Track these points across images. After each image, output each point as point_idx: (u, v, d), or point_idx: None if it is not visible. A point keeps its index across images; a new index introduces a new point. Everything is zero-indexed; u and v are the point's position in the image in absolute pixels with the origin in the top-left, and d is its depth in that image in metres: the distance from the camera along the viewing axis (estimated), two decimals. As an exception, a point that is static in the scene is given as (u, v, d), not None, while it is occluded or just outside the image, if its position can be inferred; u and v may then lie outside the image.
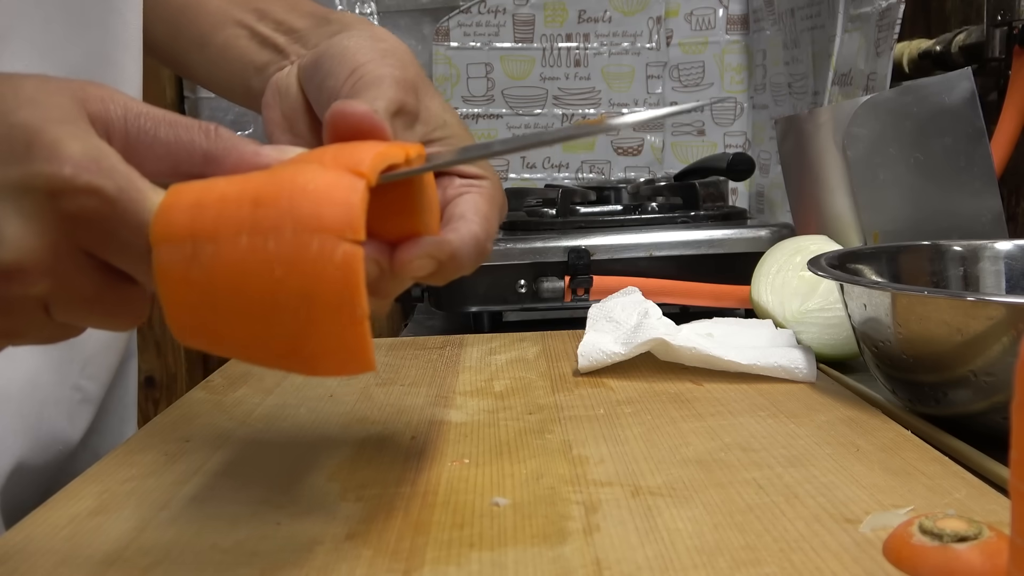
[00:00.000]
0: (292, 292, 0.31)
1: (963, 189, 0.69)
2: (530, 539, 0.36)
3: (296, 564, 0.35)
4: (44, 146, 0.31)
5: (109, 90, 0.34)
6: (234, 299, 0.32)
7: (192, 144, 0.34)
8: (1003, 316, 0.43)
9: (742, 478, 0.42)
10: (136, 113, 0.34)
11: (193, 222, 0.31)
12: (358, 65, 0.41)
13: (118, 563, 0.35)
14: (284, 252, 0.31)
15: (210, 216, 0.31)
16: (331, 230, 0.31)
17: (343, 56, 0.42)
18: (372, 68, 0.41)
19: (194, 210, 0.32)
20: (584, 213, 0.98)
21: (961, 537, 0.32)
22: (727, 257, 0.88)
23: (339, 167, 0.33)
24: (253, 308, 0.32)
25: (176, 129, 0.34)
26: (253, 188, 0.32)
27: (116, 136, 0.34)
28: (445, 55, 1.39)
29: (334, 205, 0.31)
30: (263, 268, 0.31)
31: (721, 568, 0.33)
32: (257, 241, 0.31)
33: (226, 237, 0.31)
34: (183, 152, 0.34)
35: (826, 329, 0.63)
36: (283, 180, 0.32)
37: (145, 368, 1.53)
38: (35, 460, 0.54)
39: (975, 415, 0.47)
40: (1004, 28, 0.81)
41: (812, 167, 0.83)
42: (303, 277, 0.31)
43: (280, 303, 0.31)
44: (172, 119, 0.35)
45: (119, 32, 0.56)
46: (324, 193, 0.31)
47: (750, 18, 1.38)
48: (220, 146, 0.34)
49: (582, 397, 0.57)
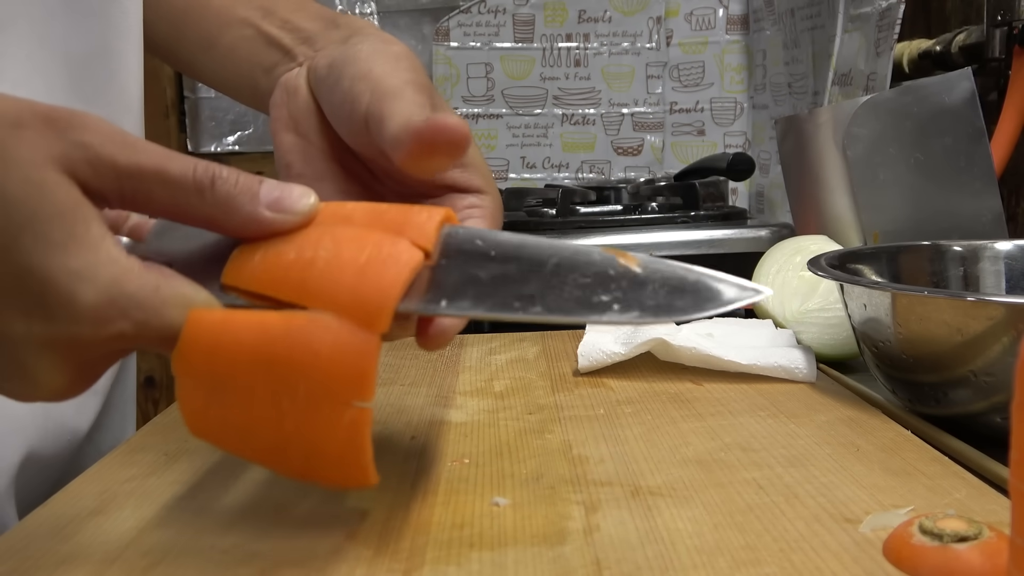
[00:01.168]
0: (300, 444, 0.33)
1: (963, 189, 0.69)
2: (530, 539, 0.36)
3: (296, 564, 0.35)
4: (58, 302, 0.31)
5: (93, 145, 0.32)
6: (247, 438, 0.34)
7: (189, 206, 0.34)
8: (1003, 316, 0.43)
9: (742, 478, 0.42)
10: (128, 174, 0.33)
11: (211, 366, 0.33)
12: (375, 71, 0.41)
13: (118, 563, 0.35)
14: (296, 411, 0.33)
15: (226, 362, 0.33)
16: (342, 397, 0.32)
17: (356, 61, 0.42)
18: (390, 75, 0.41)
19: (212, 351, 0.33)
20: (584, 213, 0.98)
21: (961, 537, 0.32)
22: (727, 257, 0.88)
23: (355, 314, 0.33)
24: (264, 447, 0.34)
25: (170, 189, 0.33)
26: (269, 339, 0.32)
27: (113, 198, 0.33)
28: (445, 55, 1.40)
29: (346, 373, 0.32)
30: (275, 420, 0.33)
31: (721, 568, 0.33)
32: (271, 397, 0.33)
33: (242, 387, 0.33)
34: (181, 212, 0.34)
35: (826, 329, 0.63)
36: (299, 338, 0.32)
37: (145, 368, 1.53)
38: (45, 450, 0.54)
39: (975, 415, 0.47)
40: (1004, 28, 0.81)
41: (812, 167, 0.83)
42: (312, 435, 0.33)
43: (289, 450, 0.34)
44: (165, 177, 0.33)
45: (119, 21, 0.56)
46: (337, 360, 0.32)
47: (750, 18, 1.38)
48: (218, 210, 0.34)
49: (582, 397, 0.57)
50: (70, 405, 0.56)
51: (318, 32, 0.49)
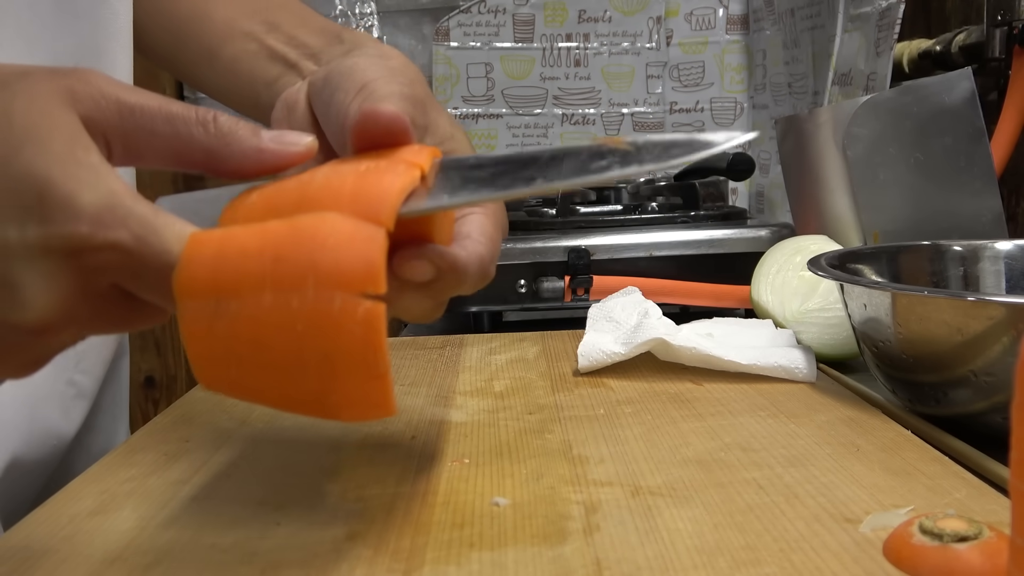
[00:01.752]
0: (314, 348, 0.31)
1: (963, 189, 0.69)
2: (530, 539, 0.36)
3: (296, 564, 0.35)
4: (57, 202, 0.30)
5: (98, 83, 0.33)
6: (258, 353, 0.32)
7: (191, 139, 0.34)
8: (1003, 316, 0.43)
9: (742, 478, 0.42)
10: (131, 109, 0.33)
11: (215, 278, 0.31)
12: (367, 82, 0.41)
13: (118, 563, 0.35)
14: (306, 309, 0.31)
15: (231, 271, 0.31)
16: (353, 287, 0.31)
17: (352, 73, 0.42)
18: (380, 85, 0.41)
19: (215, 264, 0.32)
20: (584, 213, 0.98)
21: (961, 537, 0.32)
22: (727, 257, 0.87)
23: (358, 212, 0.33)
24: (277, 361, 0.32)
25: (174, 124, 0.34)
26: (273, 241, 0.32)
27: (114, 136, 0.33)
28: (445, 55, 1.39)
29: (355, 261, 0.31)
30: (286, 324, 0.31)
31: (721, 568, 0.33)
32: (279, 298, 0.31)
33: (248, 294, 0.31)
34: (183, 147, 0.34)
35: (826, 329, 0.63)
36: (303, 234, 0.32)
37: (145, 368, 1.54)
38: (31, 455, 0.54)
39: (975, 415, 0.47)
40: (1004, 28, 0.81)
41: (812, 167, 0.83)
42: (325, 333, 0.31)
43: (303, 358, 0.32)
44: (168, 112, 0.34)
45: (108, 22, 0.55)
46: (344, 248, 0.31)
47: (750, 18, 1.38)
48: (220, 141, 0.34)
49: (582, 397, 0.57)
50: (56, 408, 0.56)
51: (322, 47, 0.49)
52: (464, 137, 0.45)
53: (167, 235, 0.31)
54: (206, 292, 0.32)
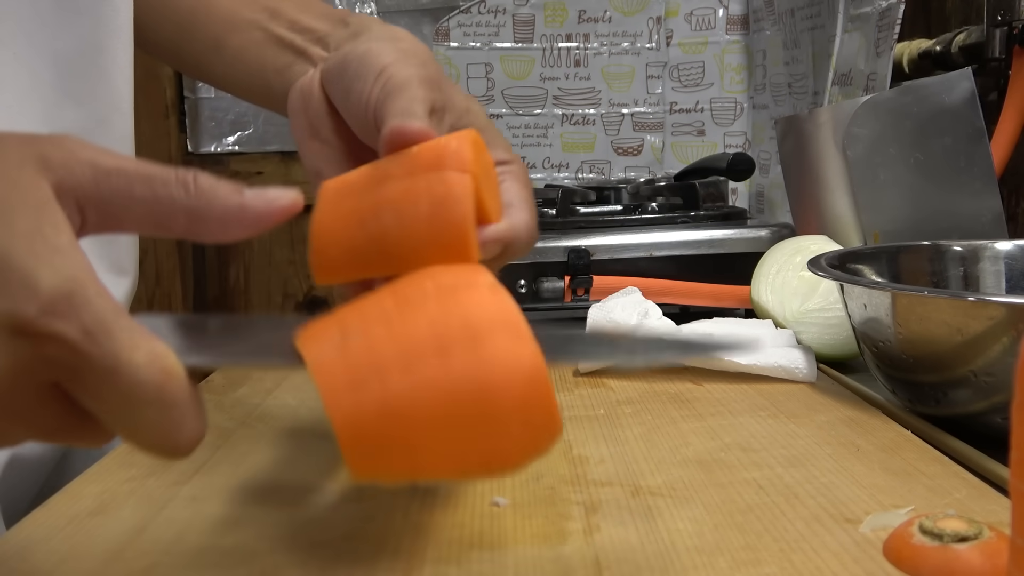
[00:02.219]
0: (458, 322, 0.30)
1: (963, 189, 0.69)
2: (530, 539, 0.36)
3: (296, 564, 0.35)
4: (13, 278, 0.28)
5: (71, 147, 0.31)
6: (404, 358, 0.30)
7: (172, 201, 0.32)
8: (1003, 316, 0.43)
9: (742, 478, 0.42)
10: (107, 172, 0.31)
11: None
12: (383, 67, 0.41)
13: (118, 563, 0.35)
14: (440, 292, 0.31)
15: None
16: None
17: (367, 59, 0.42)
18: (398, 70, 0.41)
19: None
20: (584, 213, 0.98)
21: (961, 537, 0.32)
22: (727, 257, 0.87)
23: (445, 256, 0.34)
24: (421, 348, 0.30)
25: (153, 186, 0.32)
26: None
27: (89, 203, 0.31)
28: (445, 55, 1.39)
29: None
30: (419, 301, 0.31)
31: (721, 568, 0.33)
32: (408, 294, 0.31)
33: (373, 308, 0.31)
34: (163, 210, 0.32)
35: (826, 329, 0.63)
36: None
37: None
38: (30, 454, 0.54)
39: (975, 415, 0.47)
40: (1004, 28, 0.81)
41: (812, 167, 0.83)
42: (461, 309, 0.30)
43: (449, 335, 0.30)
44: (147, 173, 0.32)
45: (109, 19, 0.55)
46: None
47: (750, 18, 1.38)
48: (202, 201, 0.32)
49: (582, 397, 0.57)
50: None
51: (328, 31, 0.48)
52: (479, 109, 0.46)
53: (121, 339, 0.29)
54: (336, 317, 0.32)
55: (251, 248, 1.54)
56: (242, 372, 0.66)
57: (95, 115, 0.56)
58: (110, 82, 0.56)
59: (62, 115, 0.54)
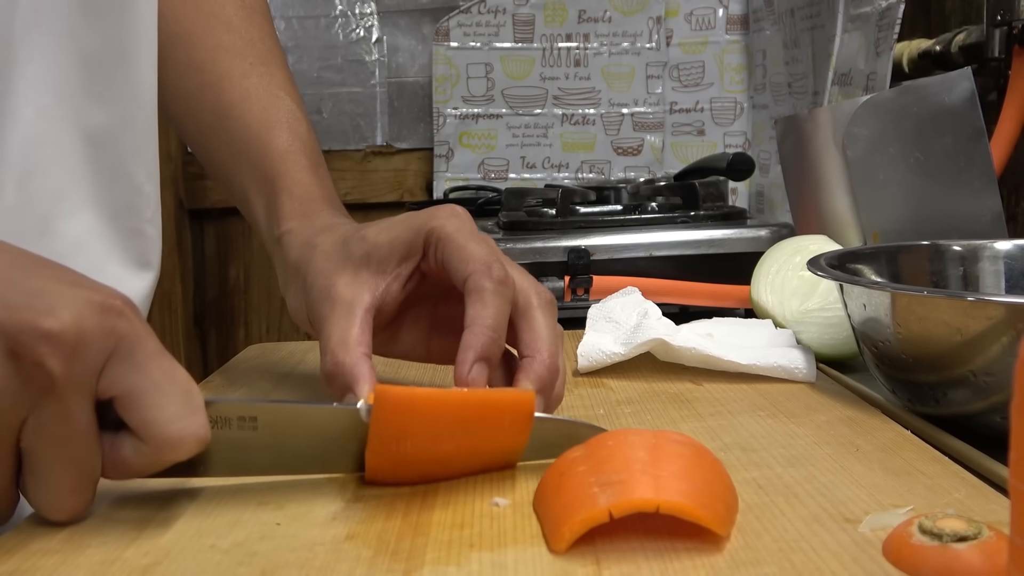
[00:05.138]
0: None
1: (963, 189, 0.69)
2: (530, 539, 0.36)
3: (296, 564, 0.35)
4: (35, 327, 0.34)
5: None
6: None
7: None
8: (1003, 316, 0.43)
9: (742, 478, 0.42)
10: None
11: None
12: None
13: (118, 563, 0.35)
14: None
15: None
16: None
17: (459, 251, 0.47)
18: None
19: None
20: (584, 213, 0.98)
21: (961, 537, 0.32)
22: (727, 257, 0.88)
23: None
24: None
25: None
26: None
27: None
28: (445, 55, 1.40)
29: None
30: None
31: (721, 568, 0.33)
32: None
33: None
34: None
35: (826, 329, 0.63)
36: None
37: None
38: None
39: (975, 415, 0.47)
40: (1004, 28, 0.81)
41: (812, 167, 0.83)
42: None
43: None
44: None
45: (133, 23, 0.57)
46: None
47: (750, 18, 1.38)
48: None
49: (582, 397, 0.57)
50: None
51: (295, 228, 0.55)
52: (532, 282, 0.50)
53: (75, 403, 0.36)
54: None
55: (251, 248, 1.54)
56: (242, 372, 0.66)
57: (121, 114, 0.58)
58: (135, 82, 0.58)
59: (90, 115, 0.56)
